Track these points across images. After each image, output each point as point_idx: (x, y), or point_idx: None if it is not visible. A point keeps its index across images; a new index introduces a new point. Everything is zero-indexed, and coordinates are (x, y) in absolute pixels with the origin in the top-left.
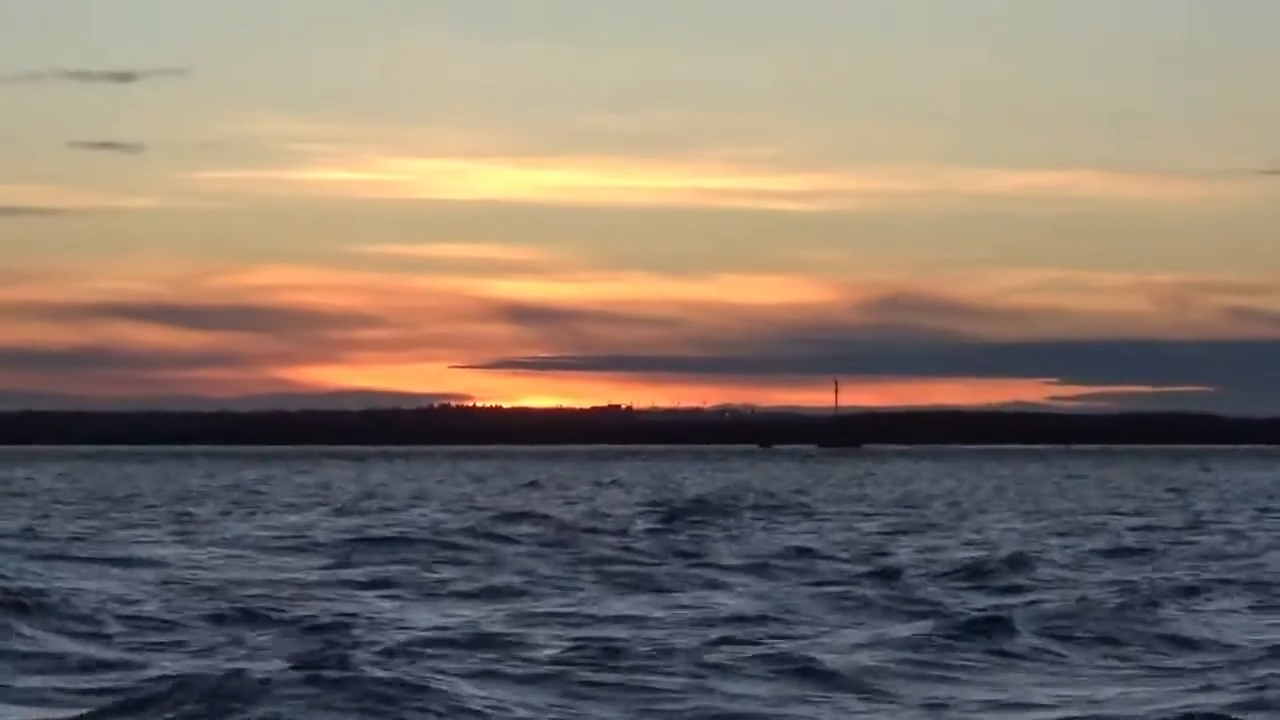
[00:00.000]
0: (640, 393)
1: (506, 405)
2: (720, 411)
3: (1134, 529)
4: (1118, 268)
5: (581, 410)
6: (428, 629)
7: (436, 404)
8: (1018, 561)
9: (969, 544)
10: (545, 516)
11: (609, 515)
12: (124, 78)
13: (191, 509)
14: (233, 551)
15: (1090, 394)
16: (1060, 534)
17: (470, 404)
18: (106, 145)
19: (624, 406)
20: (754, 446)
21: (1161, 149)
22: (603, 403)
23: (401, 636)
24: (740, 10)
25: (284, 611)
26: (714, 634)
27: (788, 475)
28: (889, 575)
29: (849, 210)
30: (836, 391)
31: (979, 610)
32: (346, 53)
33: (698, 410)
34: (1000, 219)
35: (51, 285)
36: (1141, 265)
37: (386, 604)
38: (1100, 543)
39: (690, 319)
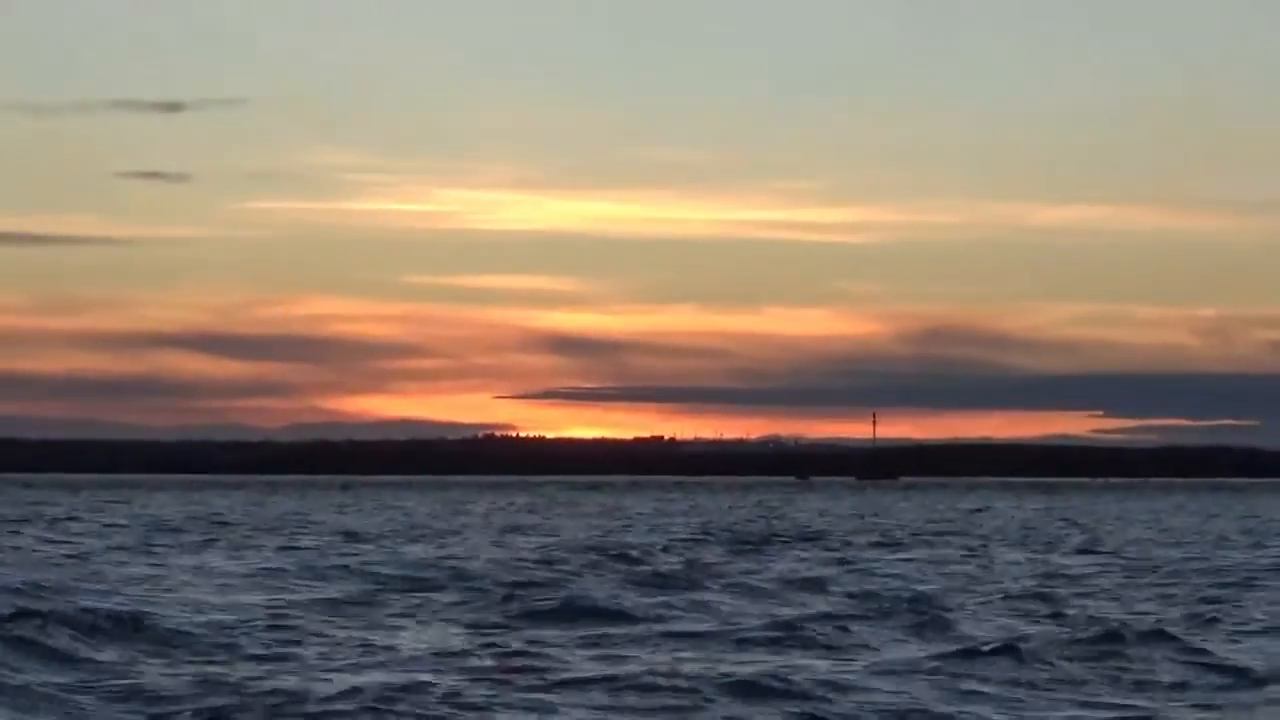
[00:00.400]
0: (684, 424)
1: (550, 436)
2: (765, 443)
3: (1156, 560)
4: (1160, 301)
5: (625, 441)
6: (423, 651)
7: (481, 434)
8: (1035, 593)
9: (983, 575)
10: (579, 546)
11: (638, 544)
12: (171, 108)
13: (225, 536)
14: (259, 579)
15: (1133, 427)
16: (1085, 566)
17: (514, 434)
18: (154, 175)
19: (667, 438)
20: (791, 478)
21: (1203, 182)
22: (646, 434)
23: (387, 659)
24: (784, 47)
25: (289, 636)
26: (728, 657)
27: (818, 506)
28: (898, 603)
29: (893, 243)
30: (874, 424)
31: (989, 636)
32: (396, 84)
33: (741, 442)
34: (1043, 252)
35: (98, 314)
36: (1184, 298)
37: (384, 632)
38: (1117, 573)
39: (734, 350)
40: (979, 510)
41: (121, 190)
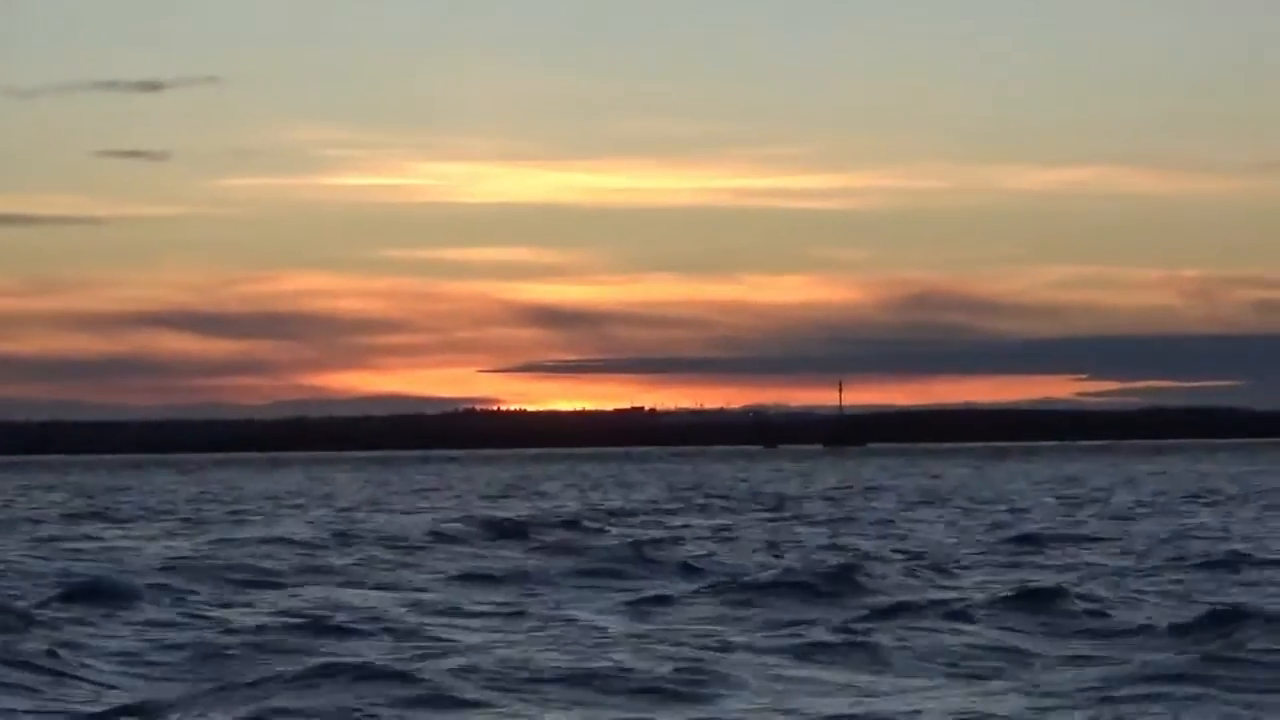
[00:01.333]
0: (665, 394)
1: (531, 409)
2: (746, 412)
3: (1059, 520)
4: (1145, 263)
5: (605, 413)
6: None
7: (463, 408)
8: (927, 557)
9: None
10: (511, 518)
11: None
12: (151, 87)
13: (193, 515)
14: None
15: (1117, 389)
16: (988, 526)
17: (496, 408)
18: (134, 154)
19: (647, 409)
20: (759, 447)
21: (1188, 143)
22: (626, 405)
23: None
24: (764, 11)
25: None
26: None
27: (763, 474)
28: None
29: (876, 208)
30: (840, 391)
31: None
32: (373, 59)
33: (721, 411)
34: (1027, 215)
35: (79, 294)
36: (1169, 260)
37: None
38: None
39: (717, 319)
40: (944, 473)
41: (102, 170)
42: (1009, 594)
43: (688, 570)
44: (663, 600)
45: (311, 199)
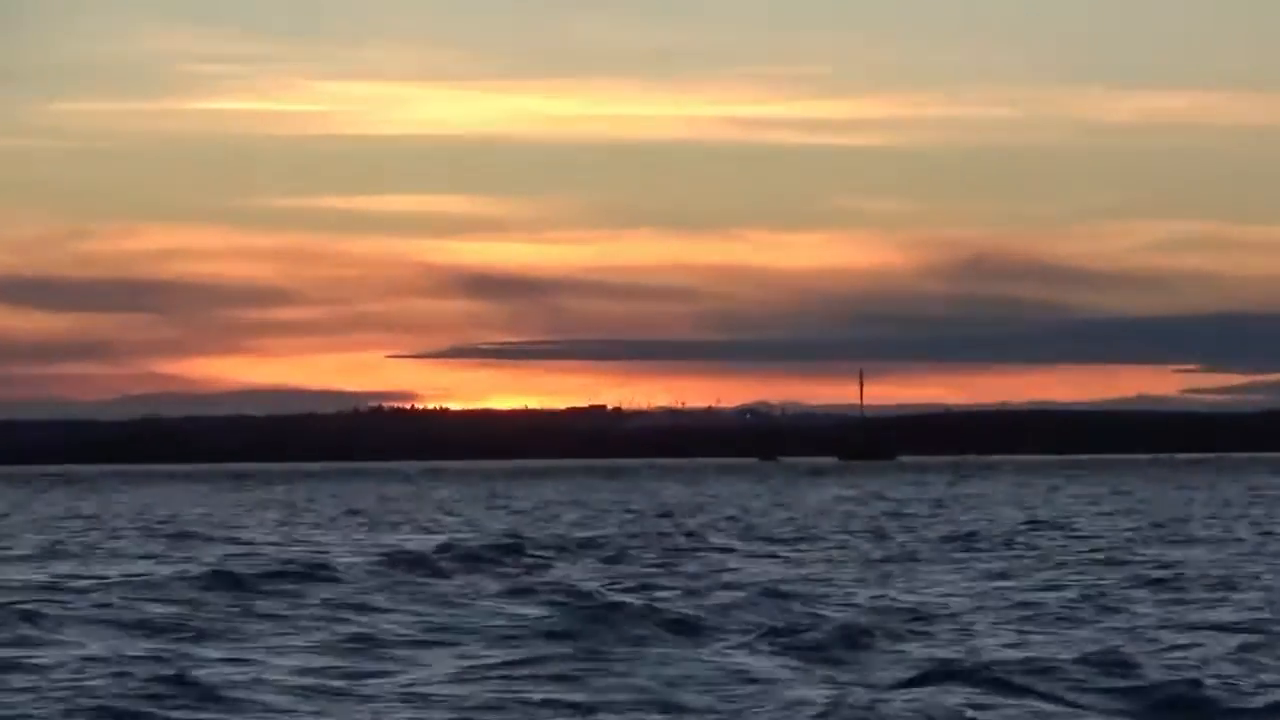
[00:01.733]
0: (636, 389)
1: (459, 407)
2: (741, 413)
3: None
4: (1274, 218)
5: (556, 413)
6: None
7: (367, 406)
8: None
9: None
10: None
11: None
12: None
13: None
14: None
15: (1239, 385)
16: (1049, 568)
17: (412, 406)
18: None
19: (610, 408)
20: (754, 459)
21: None
22: (584, 403)
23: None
24: None
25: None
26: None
27: (758, 497)
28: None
29: (917, 145)
30: (861, 386)
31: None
32: None
33: (710, 411)
34: (1119, 154)
35: None
36: None
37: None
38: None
39: (707, 290)
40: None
41: None
42: (1066, 658)
43: (635, 622)
44: (599, 662)
45: (174, 129)
